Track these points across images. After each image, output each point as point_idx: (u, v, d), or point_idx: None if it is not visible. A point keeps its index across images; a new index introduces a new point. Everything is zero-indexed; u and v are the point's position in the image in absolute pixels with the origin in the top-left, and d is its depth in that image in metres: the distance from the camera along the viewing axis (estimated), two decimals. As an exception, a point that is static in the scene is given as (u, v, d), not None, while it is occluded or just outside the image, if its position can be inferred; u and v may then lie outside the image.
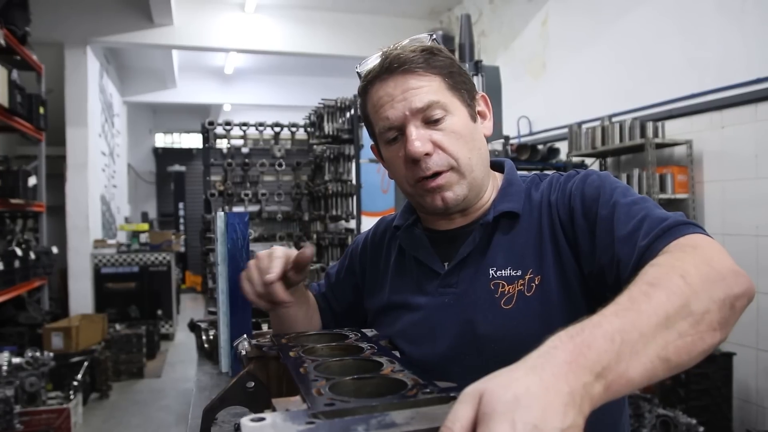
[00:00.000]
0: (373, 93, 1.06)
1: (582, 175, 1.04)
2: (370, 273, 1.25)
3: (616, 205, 0.93)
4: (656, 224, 0.86)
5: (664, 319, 0.64)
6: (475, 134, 1.07)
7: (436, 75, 1.03)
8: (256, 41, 7.82)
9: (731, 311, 0.70)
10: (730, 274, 0.73)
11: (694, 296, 0.68)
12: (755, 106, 3.76)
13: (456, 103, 1.04)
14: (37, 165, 5.96)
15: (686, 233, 0.83)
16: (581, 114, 5.24)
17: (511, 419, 0.50)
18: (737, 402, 3.77)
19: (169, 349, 7.63)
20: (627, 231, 0.89)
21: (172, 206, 13.61)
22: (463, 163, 1.03)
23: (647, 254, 0.83)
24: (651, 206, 0.92)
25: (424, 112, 1.01)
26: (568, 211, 1.01)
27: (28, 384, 4.24)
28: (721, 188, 4.03)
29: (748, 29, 3.80)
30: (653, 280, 0.70)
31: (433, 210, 1.08)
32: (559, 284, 0.99)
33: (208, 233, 4.73)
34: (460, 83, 1.06)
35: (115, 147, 9.56)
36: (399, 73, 1.02)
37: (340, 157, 5.04)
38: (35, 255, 5.38)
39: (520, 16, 6.40)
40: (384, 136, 1.06)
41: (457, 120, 1.04)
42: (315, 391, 0.68)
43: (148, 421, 5.06)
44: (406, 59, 1.02)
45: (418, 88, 1.01)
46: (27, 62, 5.39)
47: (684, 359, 0.65)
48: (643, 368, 0.61)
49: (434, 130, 1.02)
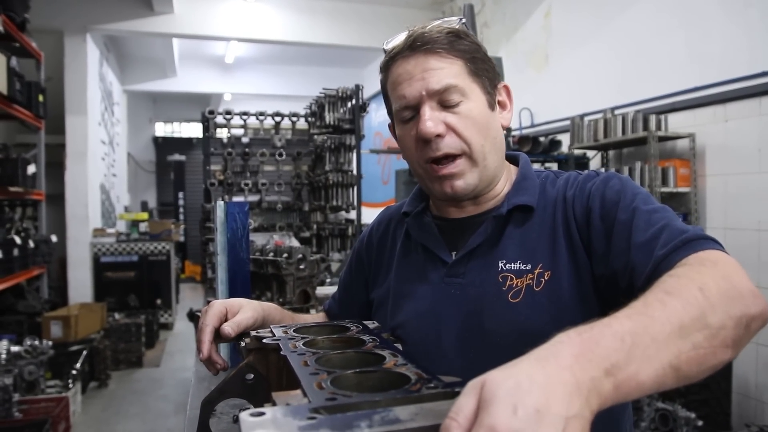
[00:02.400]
0: (393, 69, 1.04)
1: (603, 177, 1.01)
2: (376, 263, 1.24)
3: (636, 211, 0.92)
4: (676, 235, 0.85)
5: (678, 327, 0.64)
6: (491, 122, 1.05)
7: (458, 58, 1.01)
8: (256, 30, 7.78)
9: (746, 331, 0.70)
10: (749, 293, 0.72)
11: (711, 310, 0.67)
12: (759, 99, 3.73)
13: (475, 89, 1.02)
14: (36, 153, 5.94)
15: (706, 248, 0.82)
16: (583, 106, 5.22)
17: (513, 403, 0.49)
18: (736, 396, 3.77)
19: (168, 339, 7.64)
20: (645, 238, 0.88)
21: (172, 195, 13.61)
22: (476, 150, 1.01)
23: (663, 264, 0.82)
24: (671, 216, 0.90)
25: (440, 95, 1.00)
26: (584, 210, 0.99)
27: (27, 372, 4.24)
28: (723, 182, 4.01)
29: (752, 22, 3.77)
30: (670, 289, 0.69)
31: (443, 197, 1.07)
32: (572, 282, 0.97)
33: (208, 223, 4.72)
34: (483, 70, 1.04)
35: (114, 136, 9.53)
36: (421, 51, 1.01)
37: (340, 148, 5.02)
38: (34, 243, 5.37)
39: (522, 7, 6.36)
40: (399, 115, 1.05)
41: (474, 106, 1.02)
42: (316, 384, 0.66)
43: (147, 410, 5.07)
44: (429, 39, 1.00)
45: (438, 69, 1.00)
46: (26, 49, 5.35)
47: (694, 371, 0.64)
48: (655, 374, 0.60)
49: (449, 112, 1.01)
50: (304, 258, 2.51)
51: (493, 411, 0.49)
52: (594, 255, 0.96)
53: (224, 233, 1.83)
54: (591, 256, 0.97)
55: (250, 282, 1.89)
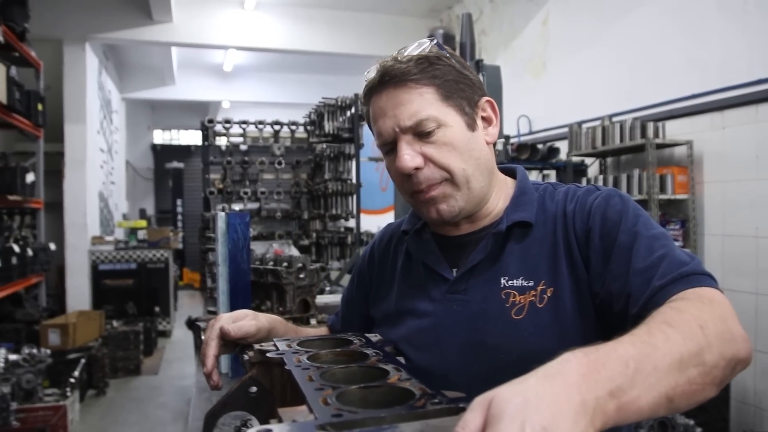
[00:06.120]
0: (371, 104, 1.06)
1: (605, 194, 1.01)
2: (377, 280, 1.24)
3: (637, 236, 0.92)
4: (675, 267, 0.86)
5: (678, 360, 0.66)
6: (471, 144, 1.03)
7: (429, 86, 1.00)
8: (255, 38, 7.80)
9: (731, 372, 0.73)
10: (740, 337, 0.75)
11: (708, 348, 0.69)
12: (756, 107, 3.75)
13: (450, 114, 1.01)
14: (35, 161, 5.94)
15: (703, 284, 0.84)
16: (581, 113, 5.24)
17: (521, 421, 0.50)
18: (735, 403, 3.77)
19: (166, 346, 7.62)
20: (644, 265, 0.89)
21: (170, 203, 13.60)
22: (458, 175, 1.01)
23: (660, 295, 0.84)
24: (671, 245, 0.91)
25: (414, 129, 1.00)
26: (585, 228, 0.99)
27: (25, 381, 4.23)
28: (721, 189, 4.02)
29: (750, 30, 3.80)
30: (673, 322, 0.71)
31: (431, 222, 1.08)
32: (573, 298, 0.97)
33: (207, 231, 4.71)
34: (458, 91, 1.03)
35: (113, 144, 9.53)
36: (391, 85, 1.00)
37: (340, 156, 5.03)
38: (33, 251, 5.36)
39: (520, 15, 6.39)
40: (380, 149, 1.07)
41: (451, 131, 1.01)
42: (321, 400, 0.67)
43: (145, 418, 5.06)
44: (398, 72, 1.00)
45: (408, 104, 0.99)
46: (26, 59, 5.36)
47: (683, 404, 0.67)
48: (653, 401, 0.62)
49: (426, 143, 1.00)
50: (304, 267, 2.50)
51: (501, 428, 0.50)
52: (591, 273, 0.96)
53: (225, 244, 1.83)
54: (588, 273, 0.97)
55: (250, 292, 1.90)
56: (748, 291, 3.75)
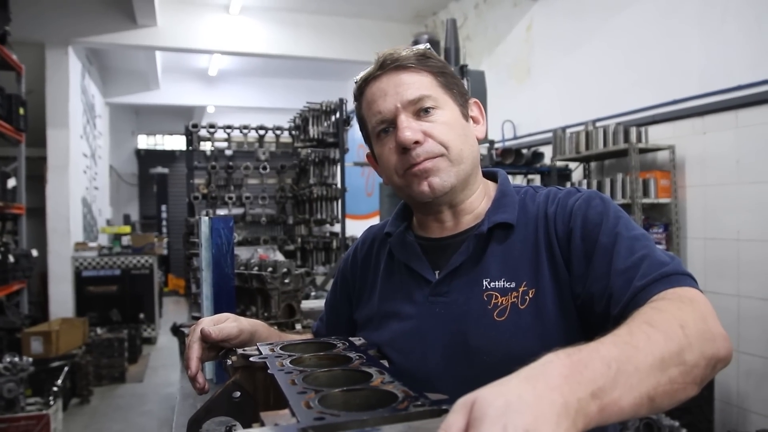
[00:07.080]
0: (367, 91, 1.08)
1: (585, 195, 1.03)
2: (360, 283, 1.24)
3: (618, 237, 0.93)
4: (656, 268, 0.87)
5: (659, 361, 0.66)
6: (467, 130, 1.08)
7: (428, 73, 1.06)
8: (240, 43, 7.78)
9: (712, 371, 0.73)
10: (720, 337, 0.76)
11: (688, 348, 0.70)
12: (736, 112, 3.81)
13: (447, 100, 1.07)
14: (16, 166, 5.87)
15: (683, 284, 0.85)
16: (565, 119, 5.28)
17: (503, 423, 0.50)
18: (718, 404, 3.81)
19: (151, 353, 7.55)
20: (625, 266, 0.89)
21: (155, 209, 13.49)
22: (454, 151, 1.04)
23: (641, 295, 0.85)
24: (652, 246, 0.92)
25: (415, 105, 1.03)
26: (566, 230, 1.00)
27: (6, 390, 4.17)
28: (703, 193, 4.07)
29: (729, 38, 3.85)
30: (653, 322, 0.72)
31: (421, 197, 1.06)
32: (555, 299, 0.98)
33: (192, 237, 4.69)
34: (453, 84, 1.09)
35: (96, 148, 9.45)
36: (392, 69, 1.05)
37: (325, 161, 5.03)
38: (14, 258, 5.29)
39: (504, 20, 6.43)
40: (377, 130, 1.08)
41: (449, 113, 1.06)
42: (304, 404, 0.67)
43: (130, 426, 5.00)
44: (399, 57, 1.05)
45: (410, 83, 1.04)
46: (7, 62, 5.31)
47: (664, 404, 0.67)
48: (634, 401, 0.62)
49: (425, 121, 1.04)
50: (289, 272, 2.50)
51: (483, 430, 0.50)
52: (573, 274, 0.97)
53: (209, 249, 1.82)
54: (570, 274, 0.98)
55: (235, 297, 1.88)
56: (730, 293, 3.80)
